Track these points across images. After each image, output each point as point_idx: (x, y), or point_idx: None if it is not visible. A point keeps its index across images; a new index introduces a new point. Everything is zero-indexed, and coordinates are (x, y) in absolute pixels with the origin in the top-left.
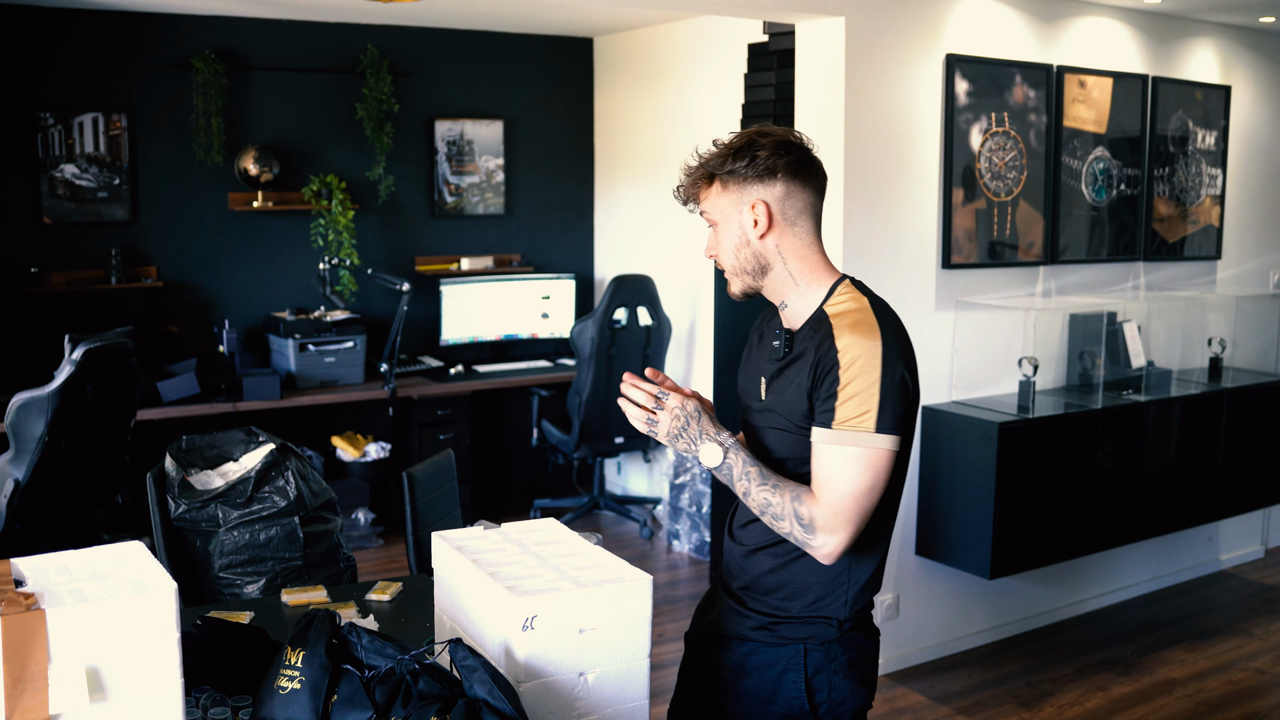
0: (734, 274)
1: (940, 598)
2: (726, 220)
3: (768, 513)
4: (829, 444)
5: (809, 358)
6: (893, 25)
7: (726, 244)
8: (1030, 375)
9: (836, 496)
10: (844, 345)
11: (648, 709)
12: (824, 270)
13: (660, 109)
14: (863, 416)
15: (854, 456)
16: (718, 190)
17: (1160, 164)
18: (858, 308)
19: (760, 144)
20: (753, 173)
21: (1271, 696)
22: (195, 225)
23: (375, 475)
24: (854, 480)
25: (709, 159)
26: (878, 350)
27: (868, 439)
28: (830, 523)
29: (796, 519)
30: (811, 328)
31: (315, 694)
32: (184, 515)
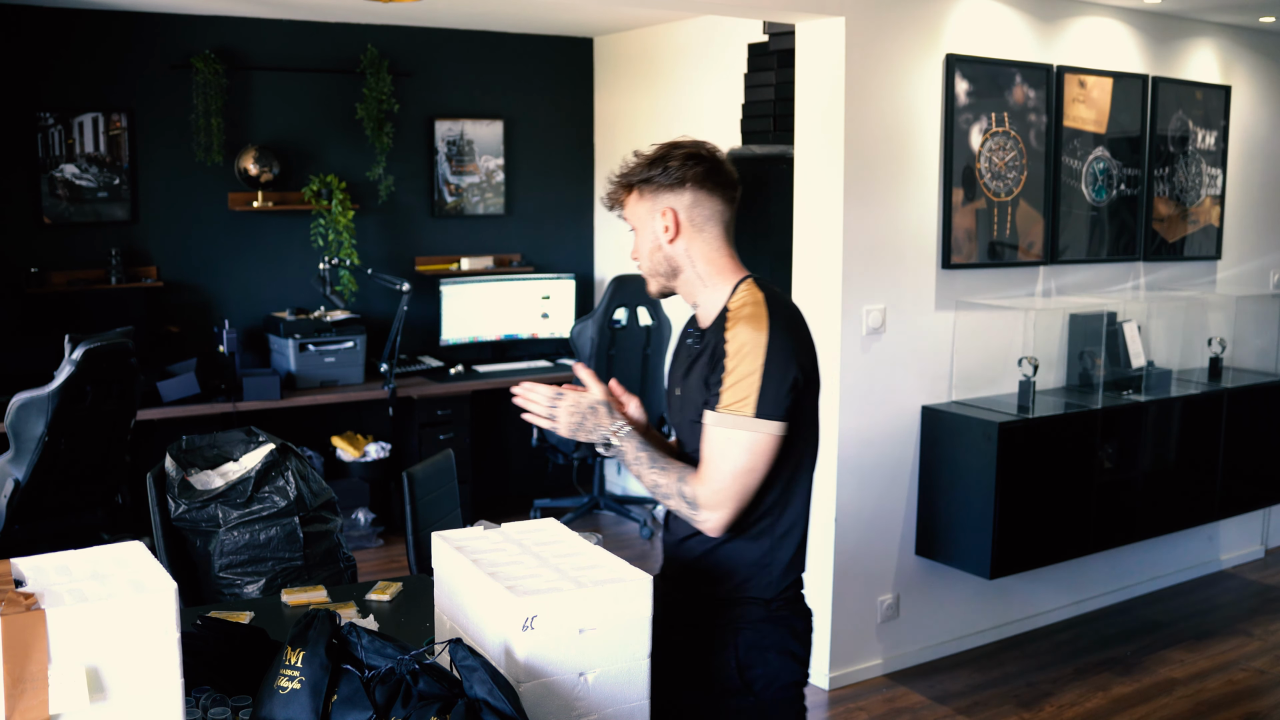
0: (650, 275)
1: (940, 598)
2: (643, 226)
3: (658, 492)
4: (713, 426)
5: (709, 351)
6: (893, 25)
7: (643, 248)
8: (1030, 375)
9: (718, 475)
10: (731, 335)
11: (648, 709)
12: (730, 271)
13: (660, 109)
14: (743, 402)
15: (734, 439)
16: (635, 198)
17: (1160, 164)
18: (752, 302)
19: (672, 155)
20: (664, 182)
21: (1271, 696)
22: (195, 225)
23: (375, 475)
24: (733, 461)
25: (629, 170)
26: (762, 341)
27: (748, 423)
28: (711, 500)
29: (682, 497)
30: (716, 324)
31: (315, 694)
32: (184, 515)
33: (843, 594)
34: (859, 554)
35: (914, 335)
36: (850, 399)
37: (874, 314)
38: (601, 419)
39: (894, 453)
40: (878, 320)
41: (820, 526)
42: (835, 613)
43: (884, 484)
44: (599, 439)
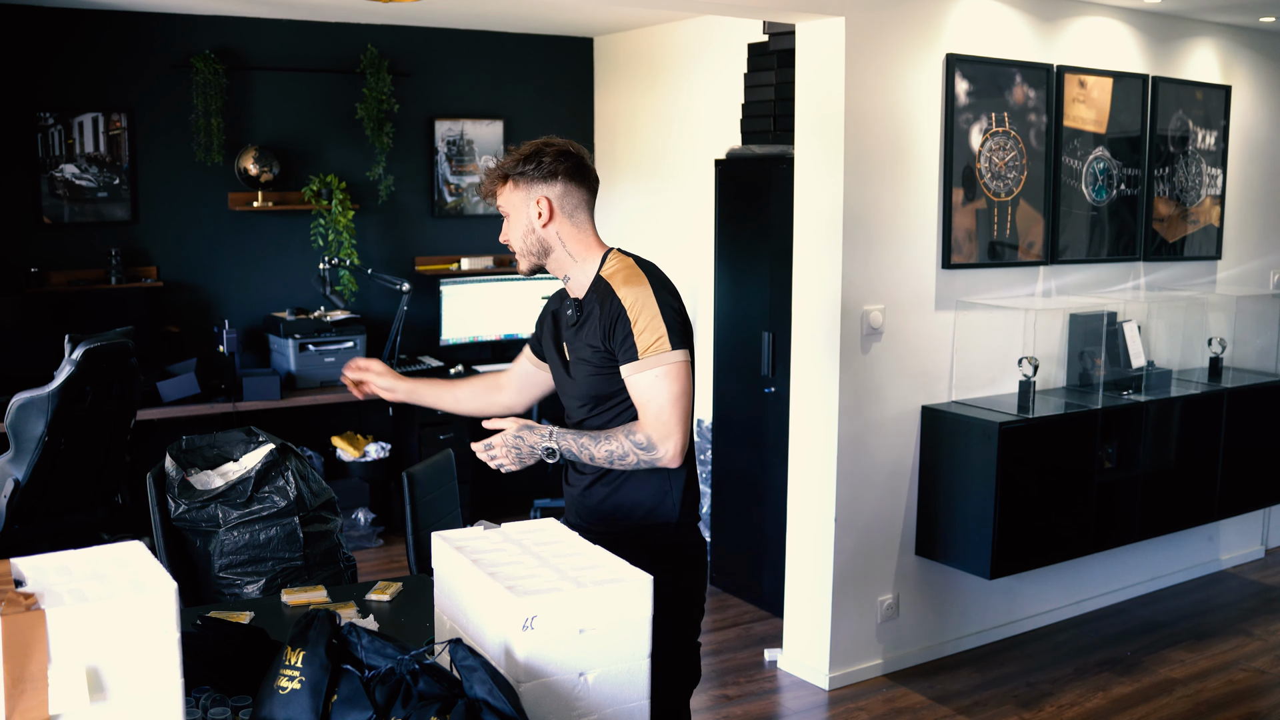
0: (522, 255)
1: (940, 598)
2: (517, 213)
3: (614, 460)
4: (640, 372)
5: (596, 314)
6: (893, 25)
7: (516, 231)
8: (1030, 375)
9: (658, 409)
10: (624, 294)
11: (648, 709)
12: (596, 247)
13: (660, 109)
14: (659, 340)
15: (661, 373)
16: (510, 188)
17: (1160, 164)
18: (625, 266)
19: (546, 151)
20: (538, 174)
21: (1271, 696)
22: (195, 225)
23: (375, 475)
24: (667, 391)
25: (505, 163)
26: (649, 289)
27: (667, 356)
28: (660, 431)
29: (636, 447)
30: (593, 291)
31: (315, 694)
32: (184, 515)
33: (843, 594)
34: (859, 554)
35: (914, 335)
36: (850, 399)
37: (874, 314)
38: (530, 438)
39: (894, 453)
40: (878, 320)
41: (820, 526)
42: (835, 613)
43: (884, 484)
44: (542, 453)
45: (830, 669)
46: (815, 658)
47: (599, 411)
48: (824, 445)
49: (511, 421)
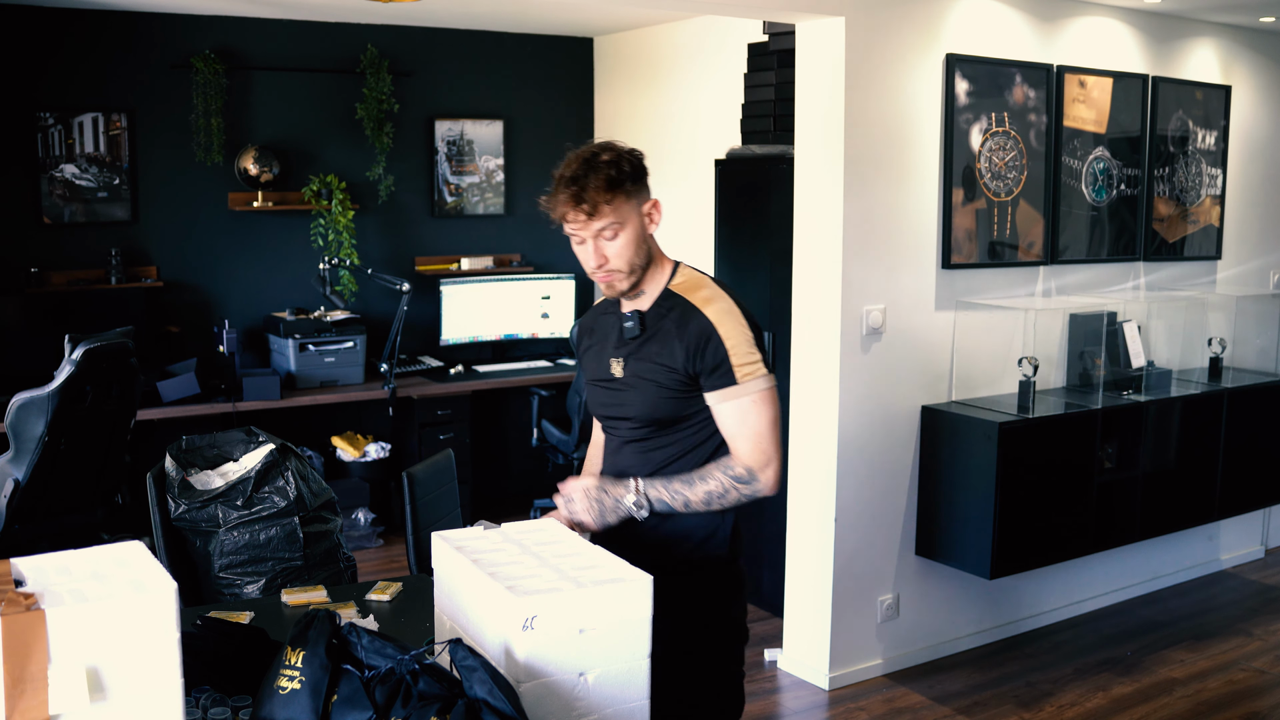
0: (631, 273)
1: (940, 598)
2: (631, 224)
3: (712, 501)
4: (734, 399)
5: (670, 330)
6: (893, 25)
7: (629, 247)
8: (1030, 375)
9: (756, 436)
10: (712, 315)
11: (648, 709)
12: (666, 259)
13: (660, 109)
14: (754, 365)
15: (756, 399)
16: (622, 200)
17: (1160, 164)
18: (699, 281)
19: (630, 154)
20: (642, 178)
21: (1271, 696)
22: (195, 225)
23: (375, 475)
24: (764, 417)
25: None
26: (736, 311)
27: (762, 382)
28: (760, 460)
29: (736, 482)
30: (662, 306)
31: (315, 694)
32: (184, 515)
33: (843, 594)
34: (859, 554)
35: (914, 335)
36: (850, 399)
37: (874, 314)
38: (613, 491)
39: (894, 453)
40: (878, 320)
41: (820, 526)
42: (835, 613)
43: (884, 484)
44: (630, 508)
45: (830, 669)
46: (815, 658)
47: (660, 436)
48: (824, 445)
49: (591, 476)
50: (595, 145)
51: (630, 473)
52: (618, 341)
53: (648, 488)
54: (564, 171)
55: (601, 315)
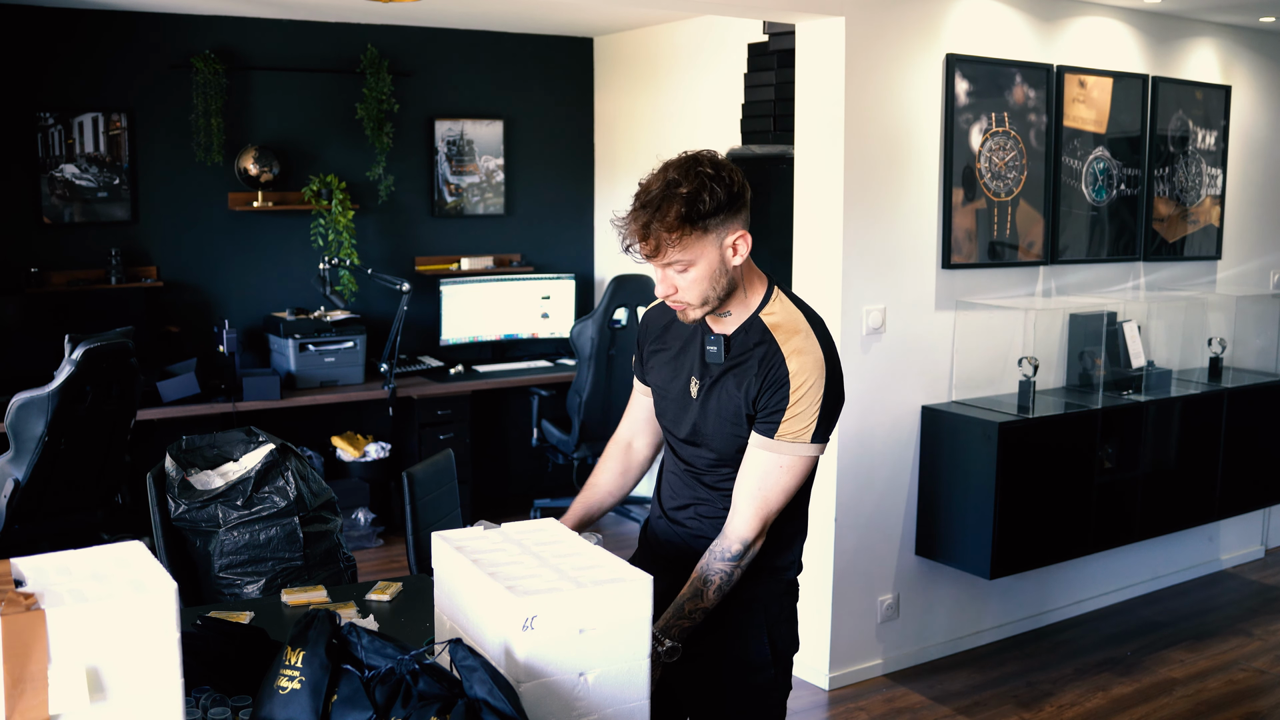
0: (703, 305)
1: (940, 598)
2: (705, 259)
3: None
4: (765, 450)
5: (752, 368)
6: (893, 25)
7: (702, 280)
8: (1030, 375)
9: (763, 503)
10: (795, 368)
11: (648, 709)
12: (758, 277)
13: (660, 109)
14: (803, 430)
15: (786, 465)
16: (697, 236)
17: (1160, 164)
18: (794, 322)
19: (728, 177)
20: (734, 207)
21: (1271, 696)
22: (195, 225)
23: (375, 475)
24: (780, 486)
25: (685, 208)
26: (822, 370)
27: (802, 449)
28: (756, 529)
29: (735, 563)
30: (746, 333)
31: (315, 694)
32: (184, 515)
33: (843, 594)
34: (859, 554)
35: (914, 335)
36: (850, 399)
37: (874, 314)
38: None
39: (894, 453)
40: (878, 320)
41: (820, 526)
42: (835, 613)
43: (884, 484)
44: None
45: (830, 669)
46: (815, 658)
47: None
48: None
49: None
50: (687, 164)
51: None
52: (700, 361)
53: (665, 630)
54: (642, 193)
55: (674, 321)
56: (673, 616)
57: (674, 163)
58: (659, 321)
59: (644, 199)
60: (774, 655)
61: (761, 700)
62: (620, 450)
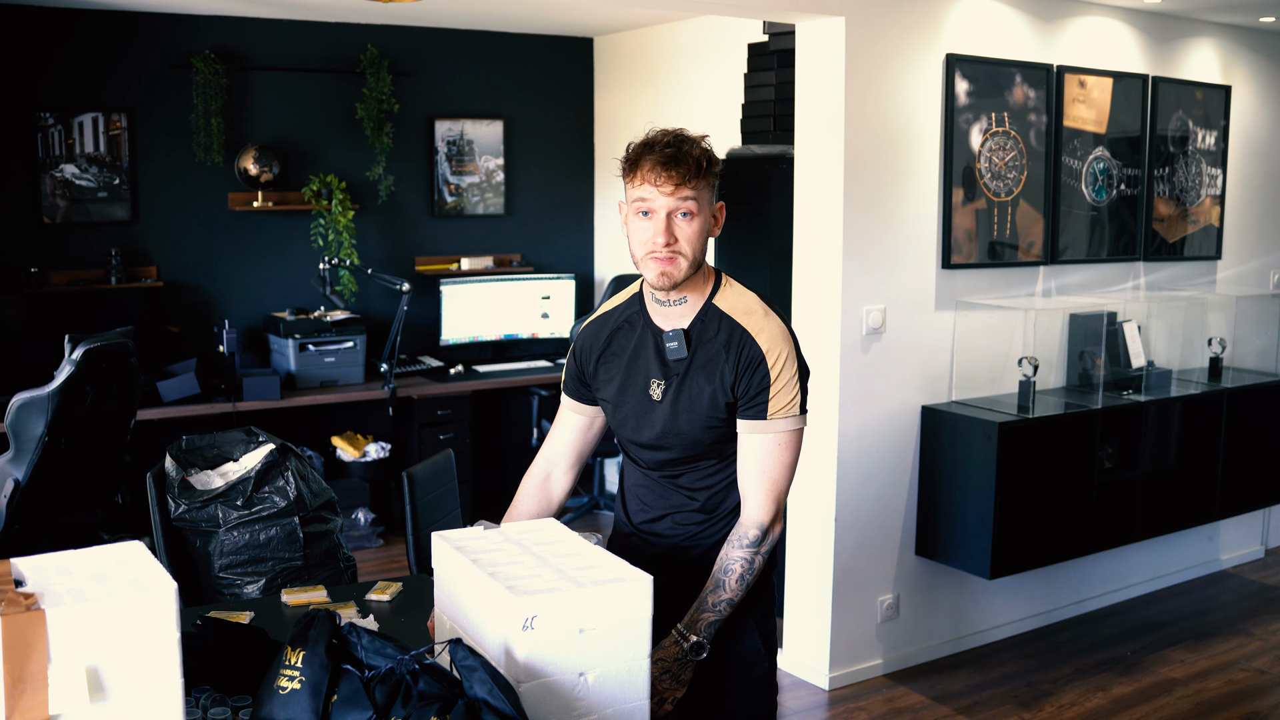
0: (693, 263)
1: (940, 598)
2: (704, 214)
3: (748, 578)
4: (761, 433)
5: (720, 355)
6: (893, 25)
7: (699, 235)
8: (1030, 375)
9: (772, 484)
10: (766, 345)
11: (648, 709)
12: (708, 268)
13: (660, 109)
14: (790, 403)
15: (783, 441)
16: (706, 186)
17: (1160, 164)
18: (748, 300)
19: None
20: (717, 178)
21: (1271, 696)
22: (195, 225)
23: (375, 475)
24: (783, 463)
25: (703, 158)
26: (790, 344)
27: (793, 422)
28: (771, 512)
29: (754, 549)
30: (703, 322)
31: (315, 694)
32: (184, 515)
33: (843, 594)
34: (859, 554)
35: (914, 335)
36: (850, 399)
37: (874, 314)
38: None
39: (894, 453)
40: (878, 320)
41: (820, 526)
42: (835, 613)
43: (884, 484)
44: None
45: (830, 669)
46: (815, 658)
47: (709, 460)
48: (824, 445)
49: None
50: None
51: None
52: (658, 362)
53: (690, 625)
54: (652, 136)
55: (623, 324)
56: (696, 611)
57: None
58: (599, 335)
59: (665, 140)
60: (766, 648)
61: (763, 693)
62: (536, 486)
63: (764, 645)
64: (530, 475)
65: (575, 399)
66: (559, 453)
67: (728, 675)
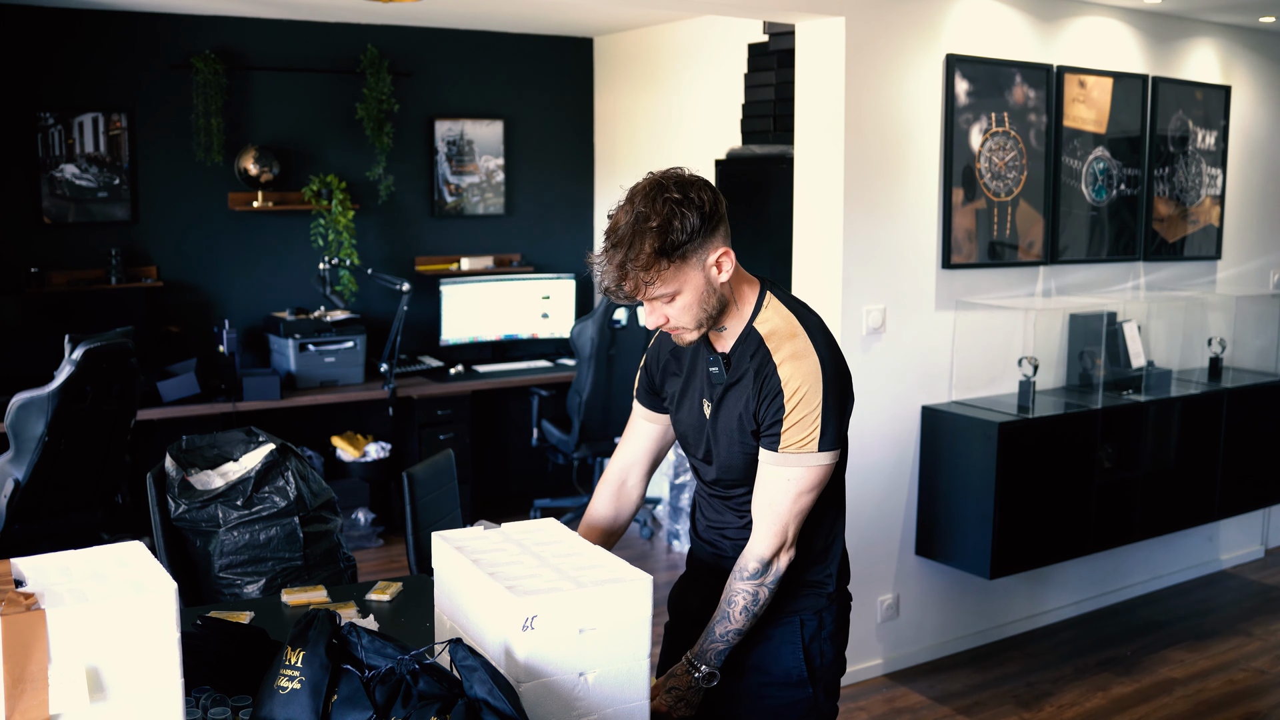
0: (698, 327)
1: (940, 598)
2: (690, 286)
3: (752, 610)
4: (773, 465)
5: (749, 380)
6: (893, 25)
7: (692, 306)
8: (1030, 375)
9: (776, 518)
10: (787, 375)
11: (648, 709)
12: (749, 285)
13: (660, 109)
14: (806, 440)
15: (795, 477)
16: (677, 266)
17: (1160, 164)
18: (787, 326)
19: (697, 198)
20: (709, 229)
21: (1271, 696)
22: (195, 225)
23: (375, 475)
24: (792, 499)
25: (657, 241)
26: (819, 374)
27: (810, 459)
28: (773, 546)
29: (756, 582)
30: (742, 345)
31: (315, 694)
32: (184, 515)
33: None
34: (859, 554)
35: (914, 335)
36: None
37: (874, 314)
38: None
39: (894, 453)
40: (878, 320)
41: None
42: None
43: (884, 484)
44: (698, 682)
45: None
46: None
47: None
48: None
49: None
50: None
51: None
52: (708, 381)
53: (701, 659)
54: (611, 231)
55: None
56: (704, 641)
57: (639, 190)
58: (664, 347)
59: (614, 238)
60: (810, 673)
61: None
62: (613, 491)
63: (809, 672)
64: (605, 481)
65: (648, 407)
66: (634, 460)
67: (760, 693)
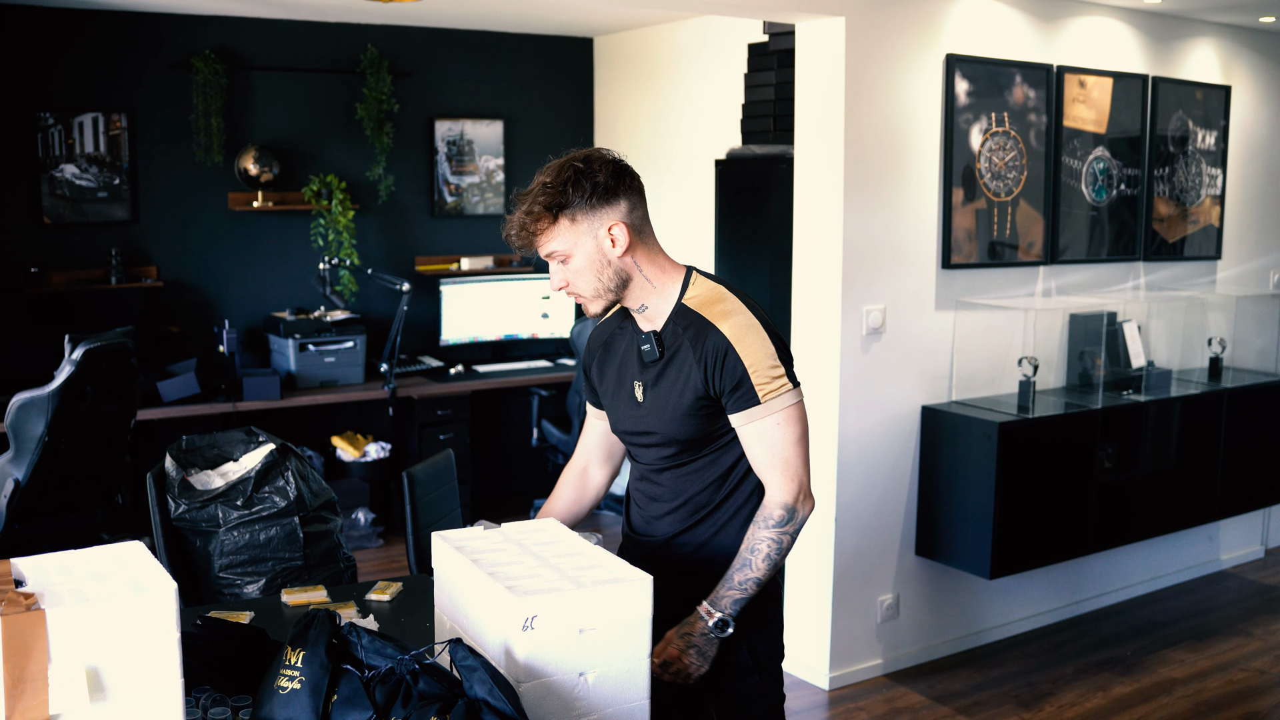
0: (595, 297)
1: (940, 598)
2: (581, 249)
3: (775, 558)
4: (759, 420)
5: (686, 352)
6: (893, 25)
7: (586, 272)
8: (1030, 375)
9: (785, 463)
10: (728, 329)
11: (648, 709)
12: (672, 267)
13: (660, 109)
14: (778, 380)
15: (784, 418)
16: (565, 225)
17: (1160, 164)
18: (713, 292)
19: (593, 170)
20: (599, 198)
21: (1271, 696)
22: (195, 225)
23: (375, 475)
24: (789, 438)
25: (547, 199)
26: (753, 320)
27: (789, 398)
28: (794, 490)
29: (781, 529)
30: (675, 322)
31: (315, 694)
32: (184, 515)
33: (843, 594)
34: (859, 554)
35: (914, 335)
36: (850, 399)
37: (874, 314)
38: (695, 629)
39: (894, 453)
40: (878, 320)
41: (820, 526)
42: (835, 613)
43: (884, 484)
44: (715, 630)
45: (830, 669)
46: (815, 658)
47: (693, 458)
48: (824, 445)
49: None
50: (563, 161)
51: (659, 504)
52: (639, 364)
53: (716, 603)
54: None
55: (617, 329)
56: (721, 588)
57: (555, 162)
58: (596, 341)
59: (522, 195)
60: (754, 662)
61: (749, 708)
62: (575, 477)
63: (753, 661)
64: (570, 467)
65: (593, 404)
66: (592, 450)
67: (714, 685)
